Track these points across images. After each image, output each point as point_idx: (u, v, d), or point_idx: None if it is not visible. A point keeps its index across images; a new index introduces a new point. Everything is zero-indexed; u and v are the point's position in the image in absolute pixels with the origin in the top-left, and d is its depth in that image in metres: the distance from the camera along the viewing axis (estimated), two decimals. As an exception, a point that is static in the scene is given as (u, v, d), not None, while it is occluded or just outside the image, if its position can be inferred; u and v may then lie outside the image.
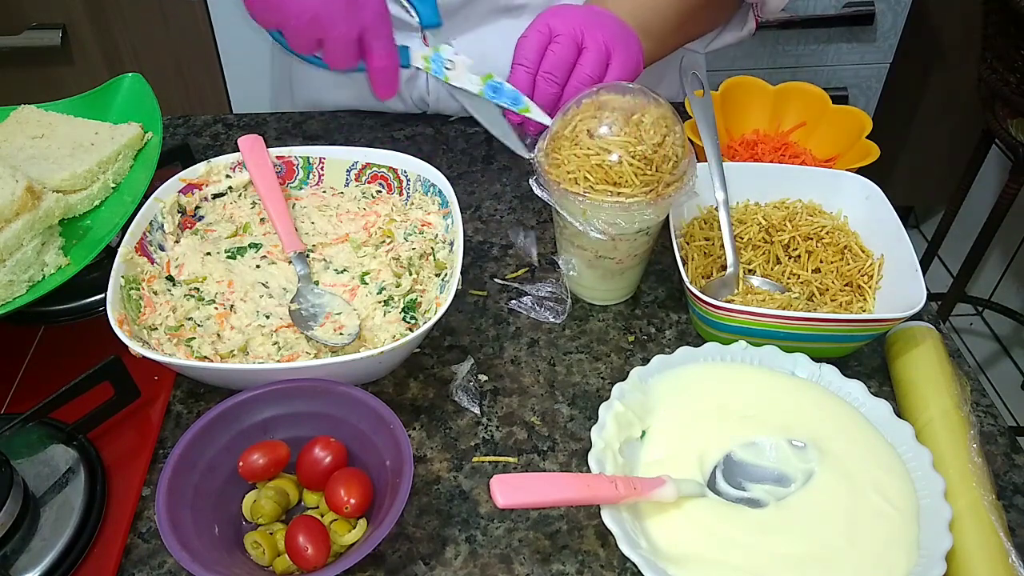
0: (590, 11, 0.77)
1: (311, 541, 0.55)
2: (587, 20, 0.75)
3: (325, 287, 0.72)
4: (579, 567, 0.59)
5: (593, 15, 0.76)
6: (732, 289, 0.73)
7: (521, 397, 0.70)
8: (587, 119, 0.67)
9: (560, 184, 0.67)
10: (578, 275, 0.75)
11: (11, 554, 0.56)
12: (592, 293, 0.77)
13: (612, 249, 0.71)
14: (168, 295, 0.71)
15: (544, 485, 0.54)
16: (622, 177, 0.65)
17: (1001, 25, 1.43)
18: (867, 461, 0.60)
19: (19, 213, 0.69)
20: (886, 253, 0.74)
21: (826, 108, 0.90)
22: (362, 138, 0.97)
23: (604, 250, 0.71)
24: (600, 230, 0.68)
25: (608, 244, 0.70)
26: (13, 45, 1.56)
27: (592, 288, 0.77)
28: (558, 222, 0.74)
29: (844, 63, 1.74)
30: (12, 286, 0.68)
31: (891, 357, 0.71)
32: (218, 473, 0.60)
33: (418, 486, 0.64)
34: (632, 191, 0.66)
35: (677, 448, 0.61)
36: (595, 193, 0.66)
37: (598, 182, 0.66)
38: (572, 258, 0.74)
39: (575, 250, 0.73)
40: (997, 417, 0.70)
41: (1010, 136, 1.51)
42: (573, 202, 0.67)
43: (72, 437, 0.63)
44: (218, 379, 0.67)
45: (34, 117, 0.82)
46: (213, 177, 0.79)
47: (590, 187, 0.66)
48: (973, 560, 0.56)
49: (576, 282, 0.77)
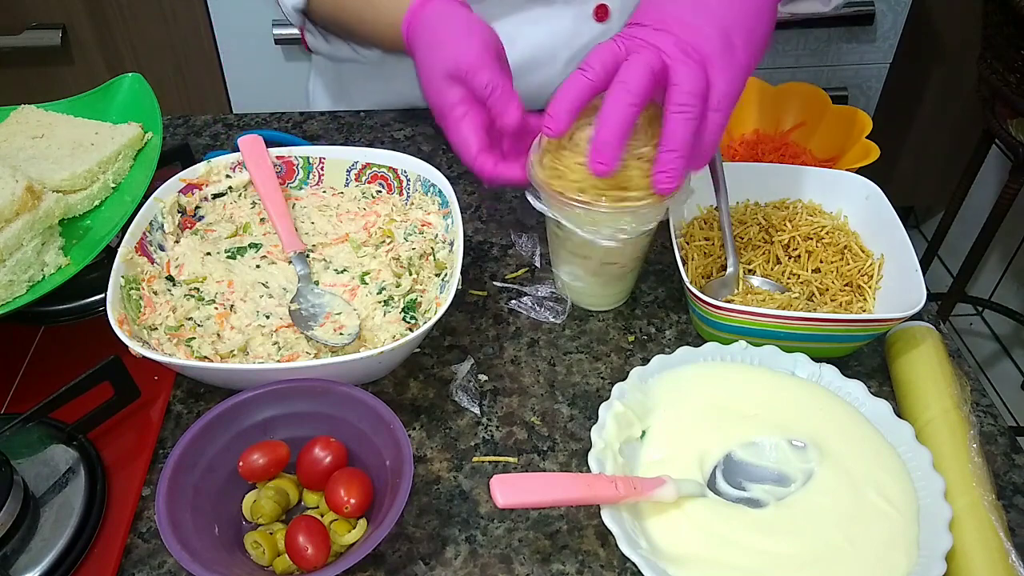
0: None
1: (311, 541, 0.55)
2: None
3: (325, 287, 0.72)
4: (579, 567, 0.59)
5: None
6: (732, 289, 0.73)
7: (521, 397, 0.70)
8: (584, 127, 0.64)
9: (563, 195, 0.65)
10: (584, 285, 0.74)
11: (11, 554, 0.56)
12: (597, 300, 0.76)
13: (619, 254, 0.71)
14: (168, 295, 0.71)
15: (544, 485, 0.54)
16: (630, 181, 0.64)
17: (1001, 25, 1.43)
18: (867, 461, 0.60)
19: (19, 213, 0.69)
20: (886, 253, 0.74)
21: (826, 108, 0.90)
22: (362, 138, 0.97)
23: (610, 256, 0.71)
24: (609, 236, 0.66)
25: (614, 250, 0.69)
26: (13, 45, 1.56)
27: (596, 295, 0.76)
28: (556, 234, 0.72)
29: (844, 63, 1.74)
30: (12, 286, 0.68)
31: (891, 357, 0.71)
32: (218, 473, 0.60)
33: (418, 486, 0.64)
34: (641, 194, 0.64)
35: (677, 448, 0.61)
36: (607, 200, 0.64)
37: (608, 188, 0.64)
38: (575, 268, 0.73)
39: (579, 260, 0.72)
40: (997, 417, 0.70)
41: (1010, 136, 1.51)
42: (579, 212, 0.65)
43: (72, 437, 0.63)
44: (218, 379, 0.67)
45: (34, 117, 0.82)
46: (213, 177, 0.79)
47: (600, 194, 0.64)
48: (973, 560, 0.56)
49: (579, 292, 0.76)
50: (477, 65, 0.70)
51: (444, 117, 0.73)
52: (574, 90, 0.62)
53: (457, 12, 0.75)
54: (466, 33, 0.73)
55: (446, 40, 0.73)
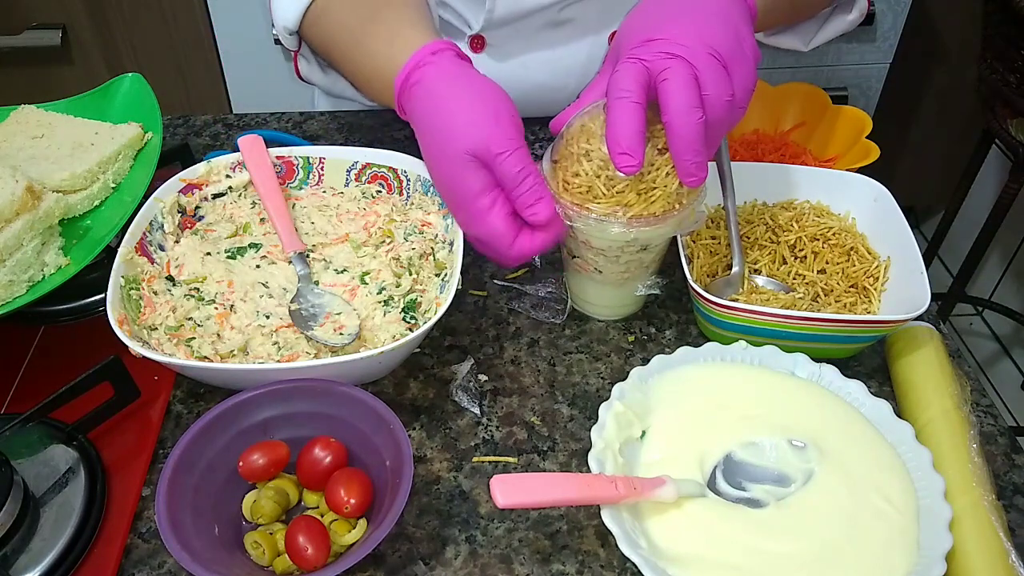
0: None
1: (311, 541, 0.55)
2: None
3: (325, 287, 0.72)
4: (579, 567, 0.59)
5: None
6: (737, 288, 0.73)
7: (521, 397, 0.70)
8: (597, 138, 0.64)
9: (599, 213, 0.64)
10: (601, 296, 0.74)
11: (11, 554, 0.56)
12: (619, 311, 0.76)
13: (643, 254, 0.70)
14: (168, 295, 0.71)
15: (544, 485, 0.54)
16: (656, 181, 0.64)
17: (1001, 25, 1.43)
18: (867, 461, 0.60)
19: (19, 213, 0.69)
20: (892, 255, 0.74)
21: (826, 108, 0.90)
22: (362, 138, 0.97)
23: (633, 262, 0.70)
24: (645, 241, 0.66)
25: (639, 253, 0.69)
26: (13, 45, 1.56)
27: (620, 306, 0.76)
28: (579, 253, 0.70)
29: (844, 63, 1.74)
30: (12, 286, 0.68)
31: (891, 357, 0.71)
32: (218, 473, 0.60)
33: (418, 486, 0.64)
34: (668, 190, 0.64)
35: (677, 448, 0.61)
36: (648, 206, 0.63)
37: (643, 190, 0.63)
38: (591, 280, 0.72)
39: (611, 266, 0.70)
40: (997, 417, 0.70)
41: (1010, 136, 1.51)
42: (615, 224, 0.64)
43: (72, 437, 0.63)
44: (218, 379, 0.67)
45: (34, 117, 0.82)
46: (213, 177, 0.79)
47: (646, 206, 0.63)
48: (973, 560, 0.56)
49: (599, 304, 0.75)
50: (506, 147, 0.62)
51: (465, 208, 0.65)
52: (636, 121, 0.59)
53: (467, 74, 0.66)
54: (481, 102, 0.64)
55: (459, 111, 0.64)
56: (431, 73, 0.66)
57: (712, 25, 0.61)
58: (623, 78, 0.60)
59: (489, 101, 0.64)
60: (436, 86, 0.65)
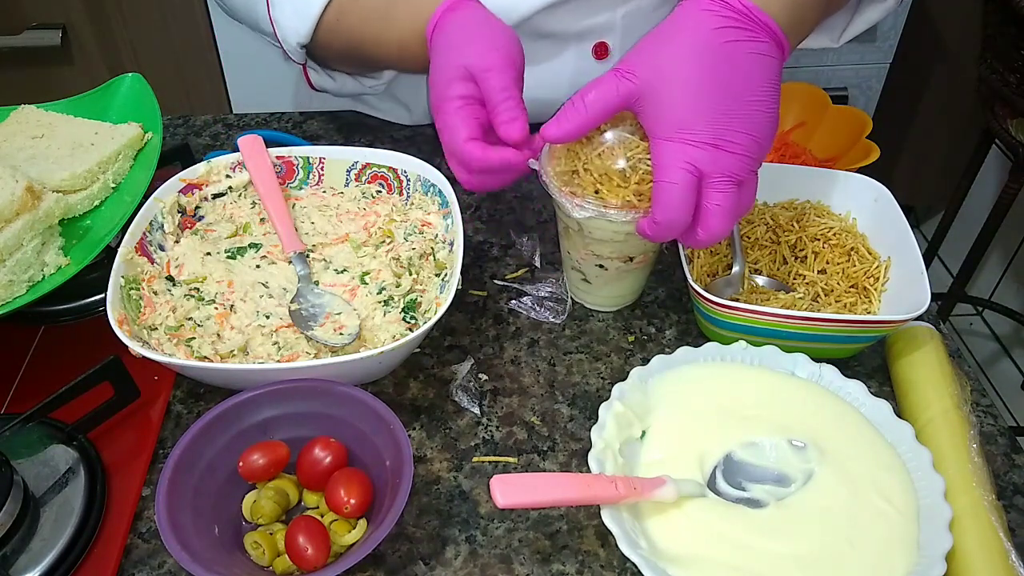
0: None
1: (311, 541, 0.55)
2: None
3: (325, 287, 0.72)
4: (579, 567, 0.59)
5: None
6: (737, 288, 0.73)
7: (521, 397, 0.70)
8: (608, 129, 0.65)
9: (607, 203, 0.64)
10: (598, 283, 0.74)
11: (11, 554, 0.56)
12: (618, 300, 0.77)
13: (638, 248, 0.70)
14: (168, 295, 0.71)
15: (544, 485, 0.54)
16: None
17: (1001, 25, 1.43)
18: (867, 461, 0.60)
19: (19, 213, 0.69)
20: (893, 256, 0.74)
21: (826, 108, 0.90)
22: (362, 138, 0.97)
23: (628, 249, 0.70)
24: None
25: (633, 244, 0.69)
26: (13, 45, 1.56)
27: (619, 296, 0.76)
28: (577, 241, 0.71)
29: (844, 63, 1.74)
30: (12, 286, 0.68)
31: (891, 357, 0.71)
32: (218, 473, 0.60)
33: (418, 486, 0.64)
34: None
35: (677, 448, 0.61)
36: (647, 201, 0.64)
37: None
38: (590, 267, 0.72)
39: (612, 258, 0.71)
40: (997, 417, 0.70)
41: (1010, 136, 1.51)
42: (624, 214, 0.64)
43: (72, 437, 0.63)
44: (218, 379, 0.67)
45: (34, 117, 0.82)
46: (213, 177, 0.79)
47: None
48: (973, 560, 0.56)
49: (592, 293, 0.76)
50: (499, 67, 0.66)
51: (438, 109, 0.68)
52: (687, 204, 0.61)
53: (489, 17, 0.72)
54: (492, 35, 0.69)
55: (473, 38, 0.69)
56: (460, 14, 0.72)
57: (754, 130, 0.61)
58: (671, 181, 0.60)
59: (499, 36, 0.69)
60: (461, 21, 0.71)
